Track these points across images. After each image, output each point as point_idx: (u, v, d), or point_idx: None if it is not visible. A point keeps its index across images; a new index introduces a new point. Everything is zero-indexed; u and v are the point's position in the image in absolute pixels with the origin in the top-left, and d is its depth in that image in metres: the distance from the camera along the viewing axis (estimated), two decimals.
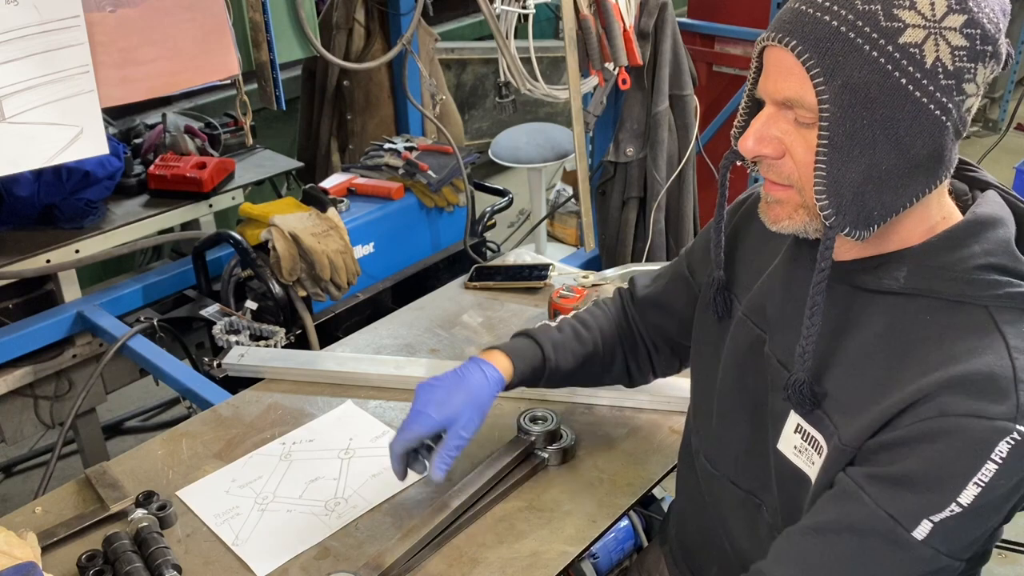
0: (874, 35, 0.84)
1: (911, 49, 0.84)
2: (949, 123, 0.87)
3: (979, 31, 0.85)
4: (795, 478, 1.02)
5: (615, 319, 1.38)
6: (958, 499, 0.86)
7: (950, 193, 0.98)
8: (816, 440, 0.98)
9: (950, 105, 0.86)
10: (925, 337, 0.92)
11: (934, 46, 0.84)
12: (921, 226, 0.95)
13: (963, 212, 0.97)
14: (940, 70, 0.85)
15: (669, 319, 1.33)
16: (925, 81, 0.85)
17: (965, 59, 0.85)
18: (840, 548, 0.92)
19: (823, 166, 0.88)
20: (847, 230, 0.91)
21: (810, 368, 0.96)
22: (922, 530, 0.87)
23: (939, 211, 0.95)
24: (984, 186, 1.01)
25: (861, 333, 0.97)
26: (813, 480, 0.99)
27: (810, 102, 0.88)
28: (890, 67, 0.84)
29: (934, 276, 0.93)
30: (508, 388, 1.29)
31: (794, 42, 0.87)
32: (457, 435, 1.21)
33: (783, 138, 0.92)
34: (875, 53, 0.84)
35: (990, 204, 0.96)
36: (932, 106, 0.86)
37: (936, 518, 0.87)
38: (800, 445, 1.01)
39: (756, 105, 1.00)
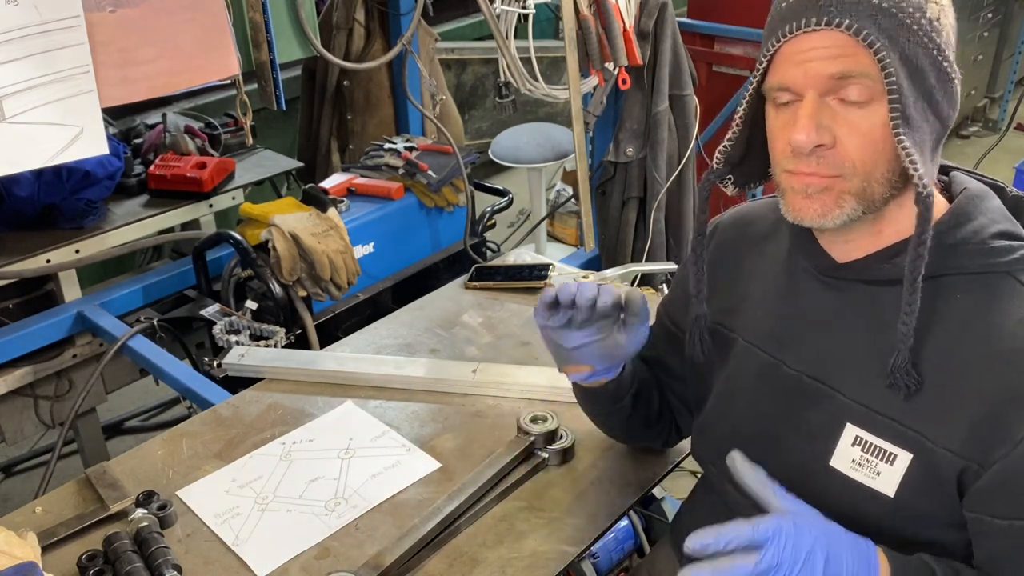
0: (909, 8, 0.89)
1: (935, 22, 0.90)
2: (959, 95, 0.93)
3: (954, 16, 0.92)
4: (854, 493, 0.99)
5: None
6: None
7: None
8: (882, 450, 0.96)
9: (956, 78, 0.93)
10: (965, 315, 0.93)
11: (945, 21, 0.91)
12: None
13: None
14: (950, 44, 0.91)
15: (672, 378, 1.28)
16: (947, 52, 0.91)
17: (954, 36, 0.92)
18: None
19: (903, 135, 0.88)
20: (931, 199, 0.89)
21: (910, 348, 0.92)
22: None
23: None
24: (945, 169, 1.04)
25: (895, 328, 0.93)
26: (891, 492, 0.96)
27: (874, 73, 0.88)
28: (927, 40, 0.89)
29: (955, 253, 0.94)
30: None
31: (847, 20, 0.87)
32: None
33: (831, 126, 0.91)
34: (915, 27, 0.89)
35: (969, 181, 1.00)
36: (954, 77, 0.92)
37: None
38: (860, 458, 0.98)
39: (759, 105, 0.99)
